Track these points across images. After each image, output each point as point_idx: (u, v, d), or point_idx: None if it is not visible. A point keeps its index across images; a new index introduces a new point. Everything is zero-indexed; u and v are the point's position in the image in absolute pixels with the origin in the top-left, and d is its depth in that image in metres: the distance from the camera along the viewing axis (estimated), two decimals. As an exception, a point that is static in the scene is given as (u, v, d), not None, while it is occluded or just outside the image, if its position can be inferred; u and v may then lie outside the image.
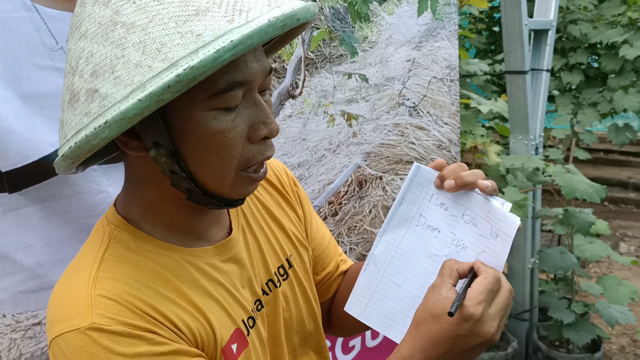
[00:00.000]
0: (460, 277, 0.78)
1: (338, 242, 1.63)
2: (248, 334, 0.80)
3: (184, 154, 0.69)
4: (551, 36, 2.60)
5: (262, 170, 0.75)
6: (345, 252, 1.59)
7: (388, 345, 1.91)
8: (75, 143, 0.63)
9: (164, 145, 0.68)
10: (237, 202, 0.78)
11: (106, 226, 0.77)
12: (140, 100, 0.59)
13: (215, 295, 0.77)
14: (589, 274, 2.73)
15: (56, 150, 0.81)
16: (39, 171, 1.01)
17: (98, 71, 0.62)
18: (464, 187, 0.82)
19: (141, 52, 0.60)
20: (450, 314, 0.70)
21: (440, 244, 0.84)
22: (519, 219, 0.79)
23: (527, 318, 2.77)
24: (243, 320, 0.80)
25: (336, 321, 1.07)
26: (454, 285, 0.76)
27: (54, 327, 0.68)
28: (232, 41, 0.59)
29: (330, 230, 1.60)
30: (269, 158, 0.74)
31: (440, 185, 0.84)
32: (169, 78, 0.58)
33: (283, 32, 0.64)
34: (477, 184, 0.81)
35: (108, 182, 1.10)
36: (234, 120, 0.69)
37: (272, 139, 0.75)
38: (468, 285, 0.75)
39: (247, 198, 0.90)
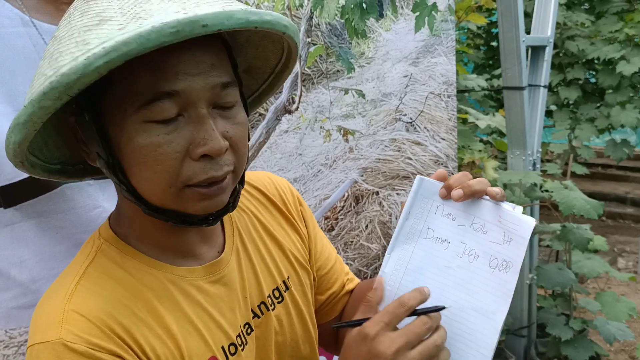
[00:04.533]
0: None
1: (334, 257, 1.63)
2: None
3: (123, 166, 0.69)
4: (548, 52, 2.62)
5: (216, 186, 0.70)
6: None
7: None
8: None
9: (102, 156, 0.69)
10: (206, 220, 0.75)
11: (96, 239, 0.77)
12: (25, 107, 0.62)
13: (194, 320, 0.75)
14: (587, 290, 2.72)
15: (63, 165, 0.83)
16: (34, 186, 1.01)
17: (33, 81, 0.66)
18: (473, 195, 0.81)
19: (48, 62, 0.63)
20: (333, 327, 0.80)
21: (451, 255, 0.83)
22: (533, 219, 0.79)
23: (525, 334, 2.76)
24: (222, 347, 0.78)
25: (343, 341, 1.05)
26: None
27: (31, 336, 0.70)
28: (104, 48, 0.58)
29: (326, 246, 1.60)
30: (215, 178, 0.70)
31: (446, 195, 0.82)
32: (44, 85, 0.60)
33: (178, 39, 0.59)
34: (486, 191, 0.80)
35: (104, 197, 1.10)
36: (169, 135, 0.66)
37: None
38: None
39: (245, 217, 0.89)
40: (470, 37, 5.02)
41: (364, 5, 1.61)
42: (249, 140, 0.80)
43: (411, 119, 1.83)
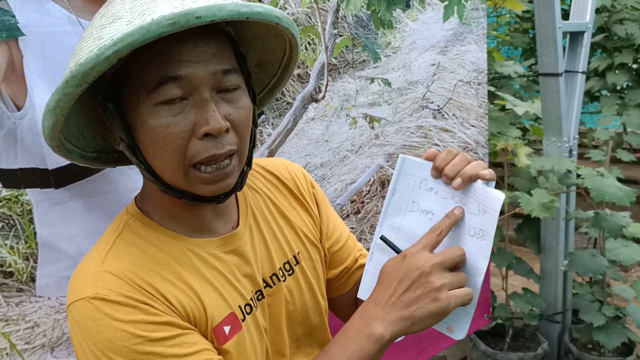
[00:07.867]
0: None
1: (360, 239, 1.69)
2: (243, 320, 0.87)
3: (140, 147, 0.79)
4: (587, 38, 2.58)
5: (221, 171, 0.79)
6: (368, 249, 1.65)
7: (413, 340, 1.96)
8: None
9: (124, 139, 0.78)
10: (216, 199, 0.84)
11: (124, 215, 0.87)
12: (52, 94, 0.72)
13: (212, 281, 0.84)
14: (625, 278, 2.69)
15: (99, 154, 0.93)
16: (81, 169, 1.12)
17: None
18: (470, 180, 0.87)
19: (73, 57, 0.74)
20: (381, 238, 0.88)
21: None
22: (503, 194, 0.85)
23: (559, 320, 2.76)
24: (240, 306, 0.87)
25: None
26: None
27: (69, 296, 0.79)
28: (112, 40, 0.67)
29: (352, 228, 1.67)
30: (216, 156, 0.77)
31: (436, 175, 0.89)
32: (66, 75, 0.70)
33: (175, 29, 0.67)
34: (479, 175, 0.86)
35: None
36: (176, 117, 0.75)
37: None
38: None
39: (259, 198, 0.98)
40: (518, 21, 4.92)
41: (391, -4, 1.65)
42: (255, 126, 0.89)
43: (439, 106, 1.86)
